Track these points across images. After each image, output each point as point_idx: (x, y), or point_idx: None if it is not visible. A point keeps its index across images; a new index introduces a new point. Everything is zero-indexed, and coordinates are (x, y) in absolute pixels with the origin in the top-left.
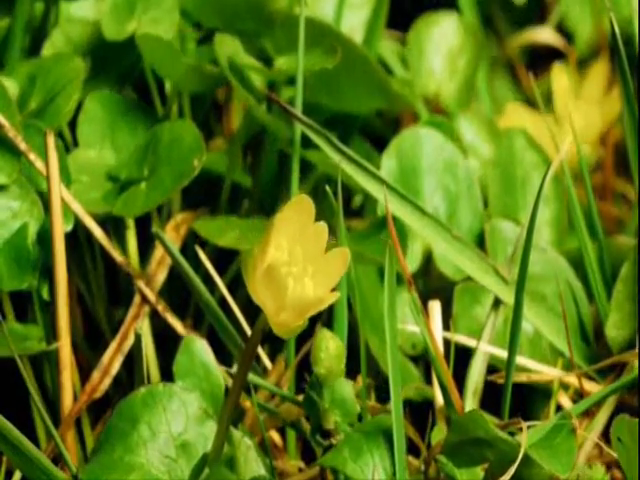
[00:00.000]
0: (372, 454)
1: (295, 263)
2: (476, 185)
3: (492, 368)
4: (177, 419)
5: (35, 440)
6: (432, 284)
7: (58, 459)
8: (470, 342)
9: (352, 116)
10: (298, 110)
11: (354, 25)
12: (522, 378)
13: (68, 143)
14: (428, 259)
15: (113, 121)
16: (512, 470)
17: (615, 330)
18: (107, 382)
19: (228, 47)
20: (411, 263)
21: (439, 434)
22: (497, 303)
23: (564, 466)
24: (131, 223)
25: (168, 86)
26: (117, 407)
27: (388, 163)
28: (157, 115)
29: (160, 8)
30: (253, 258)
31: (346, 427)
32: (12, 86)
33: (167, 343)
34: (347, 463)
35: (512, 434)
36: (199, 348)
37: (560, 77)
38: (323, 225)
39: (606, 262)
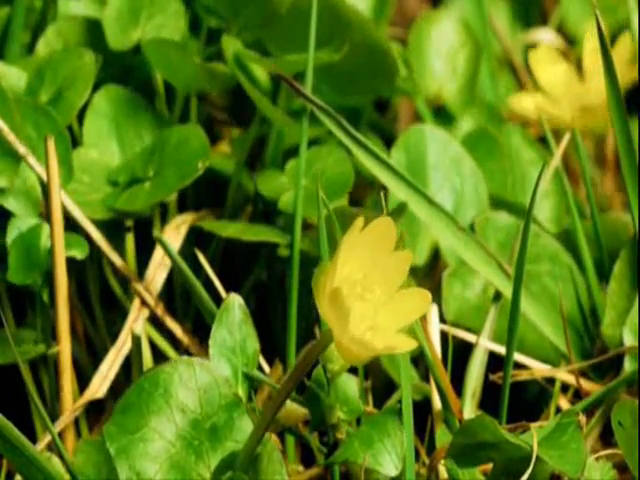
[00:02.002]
0: (383, 442)
1: (370, 291)
2: (482, 183)
3: (493, 359)
4: (210, 401)
5: (34, 443)
6: (439, 279)
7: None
8: (469, 337)
9: (357, 111)
10: (308, 90)
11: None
12: (523, 375)
13: (77, 136)
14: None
15: (120, 118)
16: (526, 475)
17: (611, 328)
18: (106, 386)
19: (234, 46)
20: (419, 258)
21: (443, 438)
22: (498, 296)
23: (574, 466)
24: (130, 226)
25: (176, 89)
26: (151, 372)
27: (397, 156)
28: (164, 116)
29: (165, 13)
30: (324, 275)
31: (347, 426)
32: (20, 78)
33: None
34: (359, 455)
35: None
36: (239, 315)
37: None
38: (407, 253)
39: (602, 244)
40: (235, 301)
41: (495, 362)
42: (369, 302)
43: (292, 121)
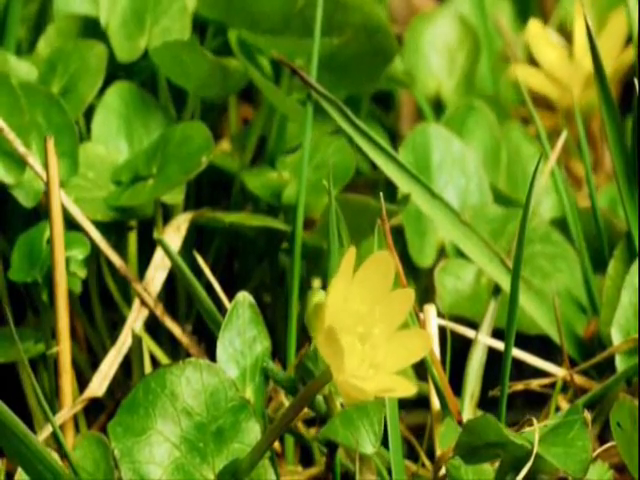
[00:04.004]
0: (362, 421)
1: (372, 328)
2: (485, 180)
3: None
4: (216, 404)
5: None
6: None
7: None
8: (468, 333)
9: (357, 108)
10: (312, 78)
11: None
12: (519, 387)
13: (82, 133)
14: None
15: (130, 115)
16: (523, 472)
17: (608, 326)
18: (105, 385)
19: (238, 33)
20: (425, 258)
21: (445, 439)
22: (497, 291)
23: (578, 465)
24: (133, 225)
25: (188, 93)
26: (158, 372)
27: (405, 156)
28: (173, 116)
29: (169, 14)
30: (320, 308)
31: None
32: (30, 72)
33: (165, 346)
34: (338, 432)
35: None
36: (248, 314)
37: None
38: (409, 292)
39: (603, 235)
40: (245, 300)
41: (495, 354)
42: (370, 340)
43: (297, 107)
